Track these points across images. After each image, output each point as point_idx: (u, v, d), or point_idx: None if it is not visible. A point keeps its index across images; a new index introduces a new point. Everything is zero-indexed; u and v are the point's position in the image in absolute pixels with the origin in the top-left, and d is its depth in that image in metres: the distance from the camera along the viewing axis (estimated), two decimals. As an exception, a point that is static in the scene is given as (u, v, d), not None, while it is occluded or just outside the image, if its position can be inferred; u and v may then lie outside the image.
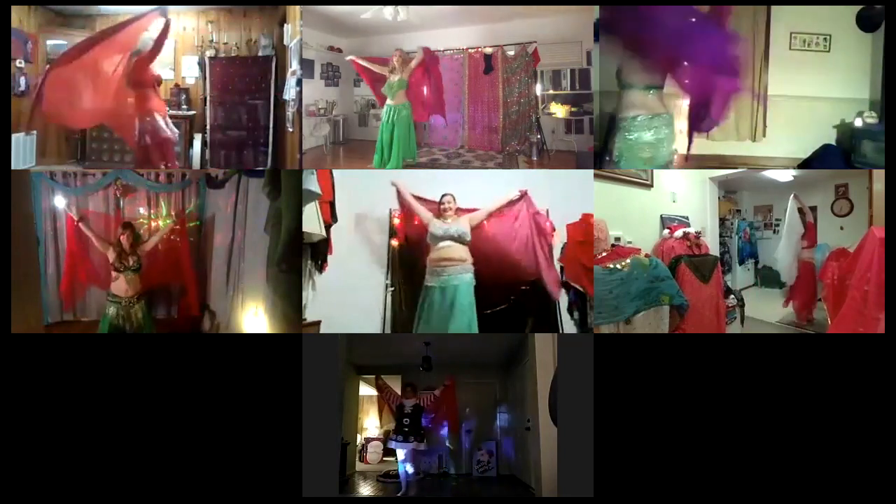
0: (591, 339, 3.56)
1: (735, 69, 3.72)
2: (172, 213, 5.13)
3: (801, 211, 6.16)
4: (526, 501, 4.96)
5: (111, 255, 4.64)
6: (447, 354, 5.63)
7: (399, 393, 5.14)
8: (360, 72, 5.87)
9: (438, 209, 4.45)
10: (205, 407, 3.41)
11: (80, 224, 4.77)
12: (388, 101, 5.45)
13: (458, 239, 4.31)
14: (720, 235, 6.46)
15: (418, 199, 4.58)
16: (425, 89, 5.71)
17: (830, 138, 4.79)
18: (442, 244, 4.31)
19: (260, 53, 6.16)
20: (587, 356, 3.43)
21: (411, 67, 5.47)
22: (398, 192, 4.54)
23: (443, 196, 4.45)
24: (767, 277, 7.90)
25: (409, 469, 4.82)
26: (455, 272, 4.26)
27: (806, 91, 4.97)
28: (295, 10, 5.34)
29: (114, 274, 4.63)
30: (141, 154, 4.51)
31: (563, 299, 5.03)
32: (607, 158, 4.08)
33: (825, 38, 4.90)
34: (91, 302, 5.08)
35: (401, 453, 4.83)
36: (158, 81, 4.60)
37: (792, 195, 6.19)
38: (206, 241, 5.30)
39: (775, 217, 8.10)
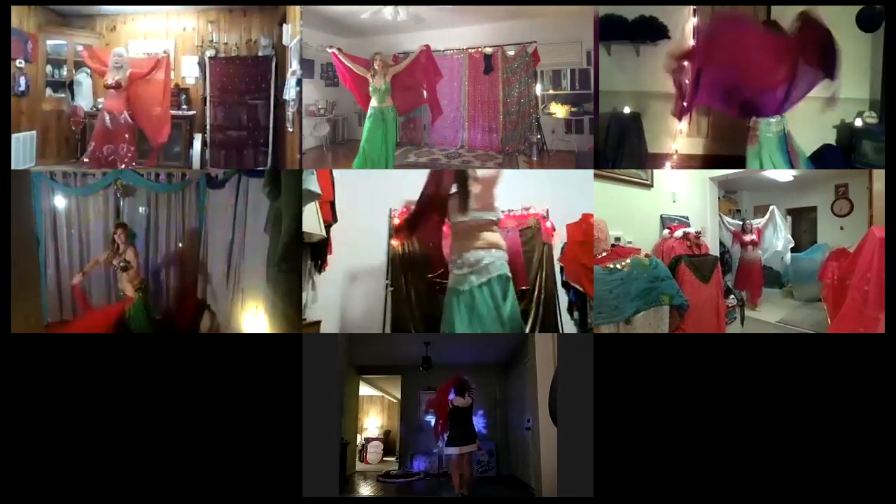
0: (591, 339, 3.56)
1: None
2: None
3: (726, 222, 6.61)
4: (526, 501, 4.96)
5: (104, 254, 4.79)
6: (447, 354, 5.64)
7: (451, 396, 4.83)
8: (340, 68, 5.31)
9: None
10: (205, 407, 3.41)
11: None
12: (376, 104, 5.13)
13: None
14: (720, 235, 6.47)
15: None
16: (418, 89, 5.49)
17: (830, 138, 4.79)
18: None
19: (260, 53, 6.16)
20: (587, 356, 3.43)
21: (398, 69, 5.24)
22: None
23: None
24: (768, 277, 7.89)
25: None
26: None
27: (806, 91, 4.98)
28: (295, 10, 5.34)
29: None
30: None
31: (563, 299, 5.04)
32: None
33: (825, 38, 4.89)
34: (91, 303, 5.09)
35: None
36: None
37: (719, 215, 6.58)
38: (206, 241, 5.32)
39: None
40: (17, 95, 5.67)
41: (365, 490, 5.36)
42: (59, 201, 5.09)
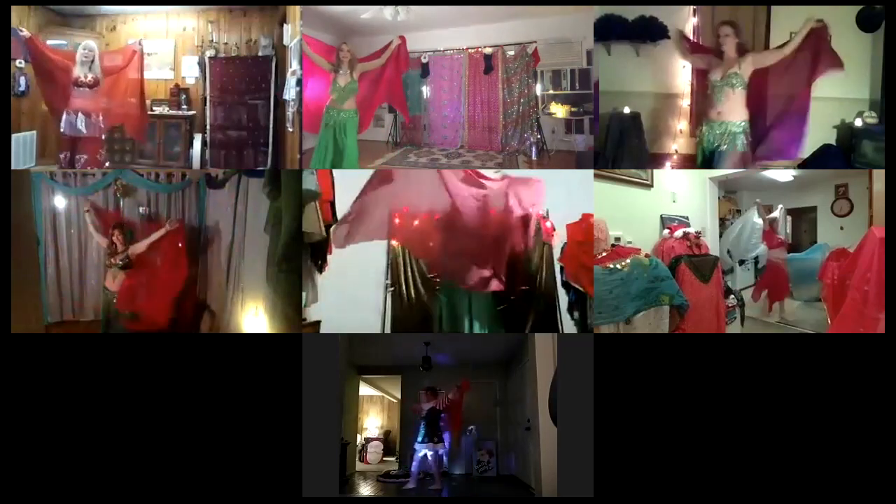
0: (591, 339, 3.56)
1: None
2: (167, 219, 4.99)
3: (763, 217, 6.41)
4: (526, 501, 4.95)
5: (104, 249, 4.83)
6: (447, 354, 5.64)
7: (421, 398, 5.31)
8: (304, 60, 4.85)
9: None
10: (205, 407, 3.41)
11: (86, 214, 4.91)
12: (335, 106, 4.84)
13: None
14: (720, 235, 6.46)
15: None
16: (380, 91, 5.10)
17: (830, 138, 4.79)
18: None
19: (260, 53, 6.17)
20: (587, 356, 3.44)
21: (368, 67, 4.92)
22: None
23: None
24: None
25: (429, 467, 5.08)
26: None
27: (806, 91, 4.98)
28: (295, 10, 5.34)
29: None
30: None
31: (563, 299, 5.04)
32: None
33: (825, 38, 4.89)
34: (88, 304, 5.09)
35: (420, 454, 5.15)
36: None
37: (757, 202, 6.45)
38: (206, 241, 5.31)
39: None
40: (17, 95, 5.67)
41: (365, 490, 5.35)
42: (59, 201, 5.08)
